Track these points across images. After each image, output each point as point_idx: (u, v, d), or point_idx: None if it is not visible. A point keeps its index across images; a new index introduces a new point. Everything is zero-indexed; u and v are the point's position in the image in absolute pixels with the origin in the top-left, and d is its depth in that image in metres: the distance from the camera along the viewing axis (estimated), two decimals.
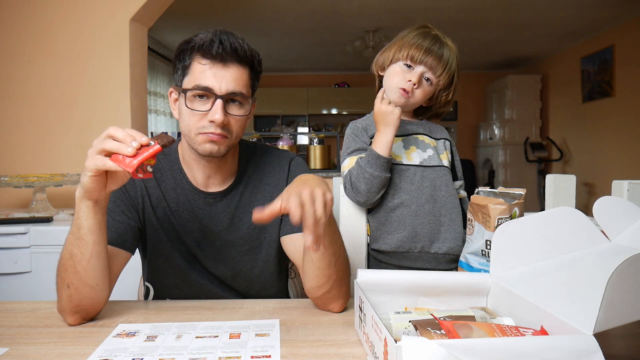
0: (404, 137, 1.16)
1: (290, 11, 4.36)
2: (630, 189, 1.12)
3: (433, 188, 1.12)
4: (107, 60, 2.42)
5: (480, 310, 0.76)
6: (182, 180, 1.05)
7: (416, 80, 1.08)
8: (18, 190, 2.39)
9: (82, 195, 0.83)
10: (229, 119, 0.95)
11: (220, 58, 0.93)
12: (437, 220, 1.12)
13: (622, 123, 4.82)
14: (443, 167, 1.15)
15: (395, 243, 1.11)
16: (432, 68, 1.09)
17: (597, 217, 0.81)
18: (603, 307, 0.56)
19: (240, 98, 0.96)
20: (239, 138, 1.01)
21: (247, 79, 0.97)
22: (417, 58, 1.08)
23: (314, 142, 4.37)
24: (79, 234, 0.84)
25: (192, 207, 1.05)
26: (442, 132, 1.22)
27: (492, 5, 4.20)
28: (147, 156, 0.78)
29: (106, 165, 0.77)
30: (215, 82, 0.93)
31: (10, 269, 1.82)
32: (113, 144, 0.77)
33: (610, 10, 4.39)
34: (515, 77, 6.48)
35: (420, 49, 1.08)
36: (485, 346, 0.55)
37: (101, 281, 0.88)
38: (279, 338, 0.80)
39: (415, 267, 1.12)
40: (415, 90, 1.10)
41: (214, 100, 0.93)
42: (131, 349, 0.76)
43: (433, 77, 1.10)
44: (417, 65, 1.09)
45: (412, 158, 1.13)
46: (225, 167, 1.05)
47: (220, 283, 1.07)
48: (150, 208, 1.04)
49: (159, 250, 1.05)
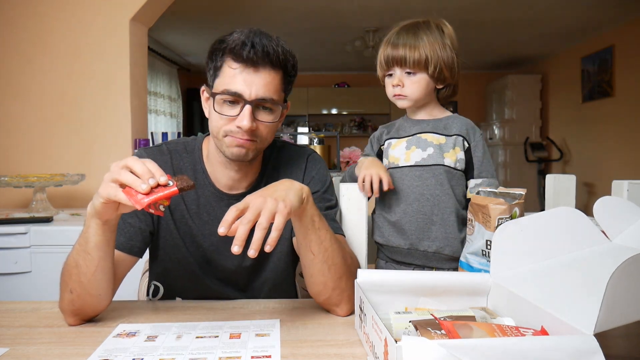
0: (408, 137, 1.17)
1: (290, 11, 4.36)
2: (630, 189, 1.12)
3: (425, 187, 1.12)
4: (107, 60, 2.43)
5: (480, 310, 0.76)
6: (204, 181, 1.03)
7: (397, 82, 1.12)
8: (18, 190, 2.39)
9: (92, 214, 0.80)
10: (258, 125, 0.93)
11: (252, 62, 0.90)
12: (428, 219, 1.12)
13: (622, 123, 4.82)
14: (442, 165, 1.13)
15: (385, 237, 1.17)
16: (403, 62, 1.10)
17: (597, 217, 0.81)
18: (603, 307, 0.56)
19: (270, 104, 0.93)
20: (268, 143, 0.99)
21: (279, 84, 0.94)
22: (387, 64, 1.13)
23: (314, 142, 4.37)
24: (86, 247, 0.83)
25: (214, 209, 1.02)
26: (460, 128, 1.15)
27: (492, 6, 4.21)
28: (162, 197, 0.73)
29: (117, 197, 0.74)
30: (245, 87, 0.90)
31: (10, 269, 1.82)
32: (129, 177, 0.73)
33: (610, 10, 4.39)
34: (515, 77, 6.48)
35: (385, 56, 1.13)
36: (485, 346, 0.55)
37: (104, 291, 0.87)
38: (279, 338, 0.80)
39: (407, 262, 1.16)
40: (404, 88, 1.12)
41: (242, 105, 0.91)
42: (131, 349, 0.76)
43: (412, 68, 1.11)
44: (391, 70, 1.14)
45: (410, 158, 1.15)
46: (251, 172, 1.04)
47: (233, 285, 1.06)
48: (168, 210, 1.01)
49: (172, 253, 1.03)
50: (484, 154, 1.17)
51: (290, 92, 1.01)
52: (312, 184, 1.06)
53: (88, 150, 2.43)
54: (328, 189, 1.09)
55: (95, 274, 0.84)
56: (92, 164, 2.42)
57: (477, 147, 1.16)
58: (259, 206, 0.74)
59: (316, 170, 1.09)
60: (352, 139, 7.40)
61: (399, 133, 1.20)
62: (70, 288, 0.84)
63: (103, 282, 0.86)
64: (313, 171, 1.08)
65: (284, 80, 0.96)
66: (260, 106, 0.93)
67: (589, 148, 5.45)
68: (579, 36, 5.29)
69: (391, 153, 1.18)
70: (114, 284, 0.90)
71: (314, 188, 1.05)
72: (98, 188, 0.78)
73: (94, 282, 0.84)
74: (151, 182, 0.72)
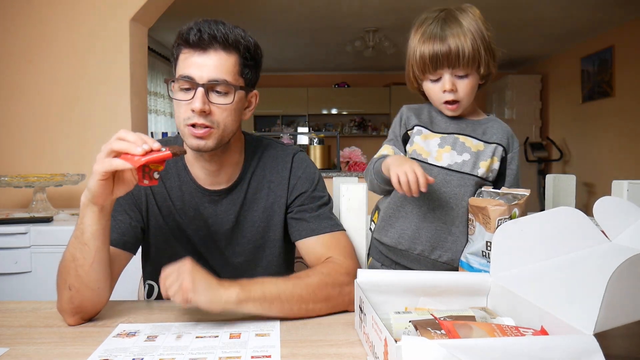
0: (443, 135, 1.05)
1: (290, 11, 4.35)
2: (630, 189, 1.12)
3: (453, 195, 1.02)
4: (107, 60, 2.42)
5: (480, 310, 0.76)
6: (186, 178, 1.04)
7: (450, 87, 0.99)
8: (18, 190, 2.39)
9: (88, 200, 0.83)
10: (212, 108, 0.92)
11: (199, 45, 0.90)
12: (446, 229, 1.04)
13: (621, 123, 4.82)
14: (474, 176, 1.02)
15: (395, 239, 1.07)
16: (454, 63, 0.97)
17: (597, 217, 0.81)
18: (603, 307, 0.56)
19: (224, 86, 0.92)
20: (231, 130, 0.96)
21: (233, 66, 0.93)
22: (433, 65, 0.98)
23: (314, 142, 4.37)
24: (82, 239, 0.84)
25: (197, 205, 1.04)
26: (501, 136, 1.06)
27: (492, 5, 4.20)
28: (156, 158, 0.77)
29: (113, 165, 0.78)
30: (195, 70, 0.91)
31: (10, 269, 1.82)
32: (123, 144, 0.78)
33: (610, 10, 4.39)
34: (515, 77, 6.48)
35: (431, 55, 0.97)
36: (485, 346, 0.55)
37: (102, 284, 0.88)
38: (279, 338, 0.80)
39: (411, 268, 1.07)
40: (457, 93, 1.00)
41: (195, 89, 0.91)
42: (131, 348, 0.76)
43: (463, 70, 0.99)
44: (439, 73, 0.99)
45: (442, 158, 1.03)
46: (227, 164, 1.03)
47: None
48: (155, 207, 1.03)
49: (165, 249, 1.05)
50: (519, 167, 1.08)
51: (254, 77, 0.99)
52: (299, 183, 1.06)
53: (88, 150, 2.43)
54: (317, 187, 1.08)
55: (93, 265, 0.85)
56: (92, 164, 2.37)
57: (513, 159, 1.07)
58: (169, 290, 0.80)
59: (302, 169, 1.08)
60: (352, 139, 7.40)
61: (432, 126, 1.06)
62: (68, 284, 0.85)
63: (101, 274, 0.87)
64: (299, 171, 1.07)
65: (241, 64, 0.94)
66: (215, 89, 0.92)
67: (589, 148, 5.45)
68: (579, 36, 5.29)
69: (421, 144, 1.05)
70: (111, 279, 0.91)
71: (302, 188, 1.06)
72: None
73: (92, 273, 0.85)
74: (145, 147, 0.77)
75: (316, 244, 1.02)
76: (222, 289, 0.82)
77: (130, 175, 0.84)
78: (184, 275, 0.79)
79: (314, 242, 1.02)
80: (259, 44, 0.99)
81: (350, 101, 7.41)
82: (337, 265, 0.96)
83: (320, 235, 1.02)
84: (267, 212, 1.05)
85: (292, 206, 1.05)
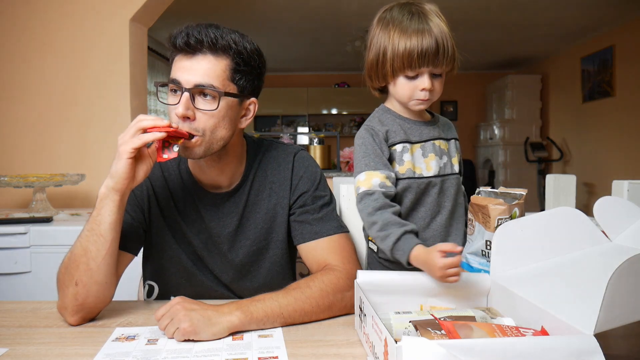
0: (422, 143, 1.03)
1: (290, 11, 4.35)
2: (630, 189, 1.12)
3: (446, 198, 1.03)
4: (107, 60, 2.42)
5: (480, 310, 0.76)
6: (188, 180, 1.04)
7: (430, 87, 0.95)
8: (18, 190, 2.39)
9: (109, 189, 0.86)
10: (197, 114, 0.89)
11: (186, 50, 0.89)
12: (446, 231, 1.04)
13: (622, 123, 4.82)
14: (456, 175, 1.05)
15: None
16: (434, 61, 0.93)
17: (598, 217, 0.81)
18: (603, 308, 0.56)
19: (210, 91, 0.89)
20: (221, 138, 0.93)
21: (224, 72, 0.90)
22: (418, 64, 0.94)
23: (314, 142, 4.37)
24: (98, 230, 0.86)
25: (199, 208, 1.03)
26: (451, 130, 1.08)
27: (492, 5, 4.21)
28: (179, 131, 0.87)
29: (143, 139, 0.85)
30: (181, 74, 0.90)
31: (10, 269, 1.82)
32: (149, 121, 0.86)
33: (610, 10, 4.39)
34: (515, 77, 6.48)
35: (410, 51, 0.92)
36: (485, 346, 0.55)
37: (110, 279, 0.89)
38: (283, 338, 0.80)
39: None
40: (433, 92, 0.97)
41: (182, 93, 0.89)
42: (133, 352, 0.75)
43: (441, 69, 0.96)
44: (420, 70, 0.95)
45: (431, 167, 1.02)
46: (227, 168, 1.02)
47: (226, 285, 1.06)
48: (158, 209, 1.03)
49: (165, 250, 1.04)
50: None
51: (252, 86, 0.96)
52: (301, 183, 1.05)
53: (88, 150, 2.43)
54: (319, 186, 1.07)
55: (106, 257, 0.87)
56: (92, 164, 2.42)
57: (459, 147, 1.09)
58: (167, 333, 0.81)
59: (304, 168, 1.07)
60: (352, 139, 7.32)
61: (408, 137, 1.01)
62: (75, 279, 0.86)
63: (111, 268, 0.89)
64: (301, 170, 1.06)
65: (232, 69, 0.91)
66: (200, 94, 0.90)
67: (589, 148, 5.45)
68: (579, 36, 5.29)
69: (411, 160, 1.01)
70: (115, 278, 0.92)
71: (304, 187, 1.05)
72: (101, 184, 0.88)
73: (104, 266, 0.87)
74: (165, 121, 0.86)
75: (317, 247, 1.01)
76: (223, 316, 0.81)
77: (149, 153, 0.89)
78: (179, 317, 0.79)
79: (315, 246, 1.01)
80: (259, 50, 0.96)
81: (350, 101, 7.40)
82: (337, 272, 0.95)
83: (322, 238, 1.01)
84: (270, 214, 1.04)
85: (295, 206, 1.05)
